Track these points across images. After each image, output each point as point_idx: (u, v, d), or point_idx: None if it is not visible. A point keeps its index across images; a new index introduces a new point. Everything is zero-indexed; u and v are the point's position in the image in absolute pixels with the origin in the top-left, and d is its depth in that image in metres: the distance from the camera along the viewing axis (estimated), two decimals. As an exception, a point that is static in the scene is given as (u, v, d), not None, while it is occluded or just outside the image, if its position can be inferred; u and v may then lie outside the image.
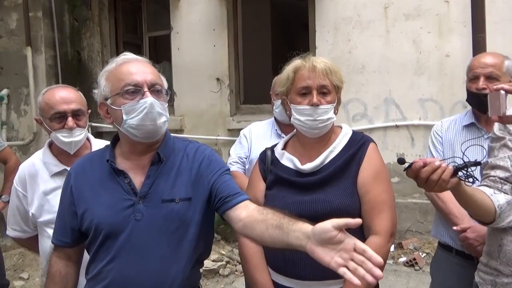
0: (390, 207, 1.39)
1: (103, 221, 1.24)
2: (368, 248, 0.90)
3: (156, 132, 1.25)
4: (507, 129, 1.29)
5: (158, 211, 1.24)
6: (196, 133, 4.92)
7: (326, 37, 4.43)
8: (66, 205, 1.33)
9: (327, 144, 1.47)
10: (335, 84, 1.43)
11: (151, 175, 1.27)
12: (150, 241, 1.23)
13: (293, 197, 1.41)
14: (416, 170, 1.08)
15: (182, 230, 1.26)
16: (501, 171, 1.25)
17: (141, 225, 1.23)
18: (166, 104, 1.28)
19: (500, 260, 1.24)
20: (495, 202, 1.19)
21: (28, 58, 5.07)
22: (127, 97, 1.22)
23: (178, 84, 5.07)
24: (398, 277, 3.60)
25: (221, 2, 4.81)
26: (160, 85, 1.27)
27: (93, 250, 1.29)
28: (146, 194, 1.25)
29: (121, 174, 1.28)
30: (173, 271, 1.24)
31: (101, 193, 1.27)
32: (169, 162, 1.30)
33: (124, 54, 1.31)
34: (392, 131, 4.27)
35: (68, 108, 1.64)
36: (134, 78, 1.22)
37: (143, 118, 1.21)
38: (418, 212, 4.09)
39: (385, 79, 4.25)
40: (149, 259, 1.23)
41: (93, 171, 1.32)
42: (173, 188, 1.27)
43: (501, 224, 1.21)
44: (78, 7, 5.52)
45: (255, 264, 1.45)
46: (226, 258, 4.00)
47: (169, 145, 1.34)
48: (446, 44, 4.03)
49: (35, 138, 5.18)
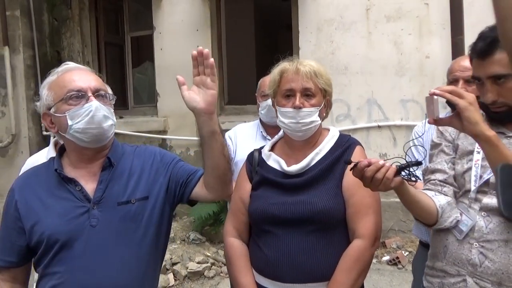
0: (375, 211, 1.38)
1: (56, 231, 1.21)
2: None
3: (103, 135, 1.24)
4: (443, 136, 1.35)
5: (114, 214, 1.24)
6: (180, 134, 4.88)
7: (309, 38, 4.46)
8: (11, 222, 1.27)
9: (313, 146, 1.47)
10: (320, 87, 1.43)
11: (104, 180, 1.27)
12: (108, 246, 1.22)
13: (277, 198, 1.41)
14: (361, 169, 1.11)
15: (140, 231, 1.26)
16: (439, 174, 1.31)
17: (97, 230, 1.22)
18: (112, 109, 1.28)
19: (446, 260, 1.27)
20: (436, 203, 1.24)
21: (6, 58, 4.94)
22: (71, 102, 1.22)
23: (161, 85, 5.02)
24: (381, 276, 3.64)
25: (204, 2, 4.78)
26: (105, 91, 1.28)
27: (43, 265, 1.24)
28: (100, 199, 1.25)
29: (71, 182, 1.26)
30: (134, 274, 1.24)
31: (51, 204, 1.24)
32: (120, 166, 1.31)
33: (66, 64, 1.31)
34: (374, 131, 4.33)
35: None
36: (77, 84, 1.23)
37: (89, 122, 1.21)
38: (400, 211, 4.15)
39: (368, 80, 4.30)
40: (109, 264, 1.21)
41: (40, 183, 1.29)
42: (127, 190, 1.28)
43: (443, 225, 1.25)
44: (58, 6, 5.40)
45: (240, 265, 1.44)
46: (211, 259, 3.98)
47: (118, 150, 1.35)
48: (426, 46, 4.10)
49: (14, 140, 5.05)
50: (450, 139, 1.33)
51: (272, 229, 1.39)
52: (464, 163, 1.26)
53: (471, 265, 1.20)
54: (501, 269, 1.15)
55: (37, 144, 5.12)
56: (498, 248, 1.16)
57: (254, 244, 1.46)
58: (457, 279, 1.23)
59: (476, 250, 1.19)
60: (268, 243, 1.40)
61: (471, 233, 1.20)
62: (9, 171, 4.93)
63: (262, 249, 1.41)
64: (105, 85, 1.32)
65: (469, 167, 1.24)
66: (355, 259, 1.33)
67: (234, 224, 1.51)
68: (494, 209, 1.17)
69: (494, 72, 1.14)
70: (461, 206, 1.27)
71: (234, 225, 1.51)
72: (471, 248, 1.20)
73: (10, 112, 4.98)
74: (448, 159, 1.31)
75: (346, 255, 1.34)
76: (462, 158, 1.28)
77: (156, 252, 1.32)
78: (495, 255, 1.16)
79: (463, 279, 1.21)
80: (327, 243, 1.36)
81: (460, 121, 1.09)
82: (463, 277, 1.21)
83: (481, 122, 1.06)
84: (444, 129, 1.36)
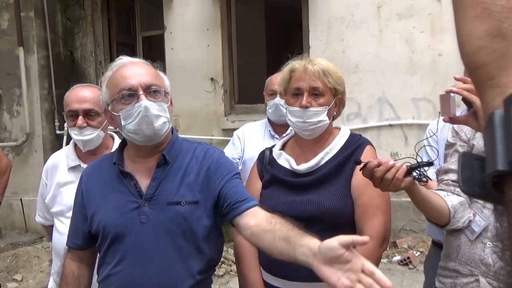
0: (384, 212, 1.36)
1: (109, 223, 1.25)
2: (377, 270, 0.86)
3: (155, 135, 1.23)
4: (458, 135, 1.33)
5: (163, 213, 1.23)
6: (190, 133, 4.90)
7: (319, 37, 4.44)
8: (78, 208, 1.35)
9: (323, 145, 1.47)
10: (330, 86, 1.41)
11: (157, 177, 1.26)
12: (155, 244, 1.22)
13: (285, 197, 1.41)
14: (371, 169, 1.10)
15: (188, 234, 1.24)
16: (453, 174, 1.29)
17: (146, 228, 1.22)
18: (167, 104, 1.26)
19: (459, 260, 1.25)
20: (448, 203, 1.22)
21: (20, 58, 5.03)
22: (123, 102, 1.21)
23: (172, 84, 4.95)
24: (392, 276, 3.62)
25: (214, 2, 4.80)
26: (158, 86, 1.24)
27: (101, 253, 1.29)
28: (151, 197, 1.24)
29: (127, 176, 1.27)
30: (179, 275, 1.23)
31: (109, 196, 1.28)
32: (176, 164, 1.28)
33: (120, 58, 1.30)
34: (385, 130, 4.29)
35: (80, 107, 1.68)
36: (128, 82, 1.21)
37: (139, 122, 1.20)
38: (412, 211, 4.11)
39: (379, 78, 4.26)
40: (155, 262, 1.22)
41: (103, 174, 1.33)
42: (179, 190, 1.25)
43: (456, 225, 1.23)
44: (71, 7, 5.48)
45: (248, 263, 1.46)
46: (221, 258, 3.99)
47: (176, 147, 1.31)
48: (438, 44, 4.05)
49: (28, 139, 5.14)
50: (465, 139, 1.31)
51: None
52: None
53: (484, 264, 1.19)
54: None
55: (50, 143, 5.21)
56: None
57: (263, 242, 1.47)
58: (469, 279, 1.22)
59: (490, 249, 1.18)
60: None
61: (485, 233, 1.19)
62: (24, 169, 5.02)
63: None
64: (160, 76, 1.30)
65: None
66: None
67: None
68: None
69: None
70: (475, 206, 1.25)
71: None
72: (484, 248, 1.19)
73: (25, 112, 5.06)
74: None
75: None
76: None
77: (203, 257, 1.27)
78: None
79: (476, 279, 1.20)
80: None
81: (476, 120, 1.07)
82: (476, 277, 1.20)
83: None
84: (459, 128, 1.33)
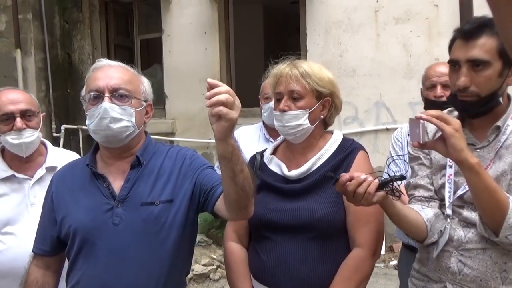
0: (376, 219, 1.33)
1: (80, 226, 1.23)
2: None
3: (115, 137, 1.23)
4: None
5: (137, 214, 1.23)
6: (188, 136, 4.90)
7: (317, 41, 4.44)
8: (47, 212, 1.33)
9: (314, 149, 1.43)
10: (310, 88, 1.36)
11: (131, 178, 1.26)
12: (129, 246, 1.21)
13: (276, 204, 1.38)
14: (343, 183, 1.10)
15: (163, 234, 1.24)
16: (423, 190, 1.29)
17: (119, 230, 1.22)
18: (136, 109, 1.24)
19: (429, 267, 1.27)
20: (424, 217, 1.22)
21: (18, 61, 5.03)
22: (91, 102, 1.23)
23: (170, 87, 5.05)
24: (388, 281, 3.60)
25: (212, 5, 4.80)
26: (127, 90, 1.24)
27: (71, 257, 1.27)
28: (125, 198, 1.24)
29: (100, 178, 1.27)
30: (154, 276, 1.23)
31: (81, 198, 1.26)
32: (149, 165, 1.29)
33: (99, 61, 1.30)
34: (383, 134, 4.28)
35: (16, 108, 1.56)
36: (96, 83, 1.23)
37: (98, 123, 1.21)
38: (408, 215, 4.10)
39: (376, 82, 4.26)
40: (129, 264, 1.21)
41: (74, 177, 1.32)
42: (153, 191, 1.26)
43: (432, 238, 1.23)
44: (69, 9, 5.48)
45: (238, 271, 1.43)
46: (217, 262, 3.98)
47: (149, 149, 1.33)
48: (435, 48, 4.05)
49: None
50: (426, 151, 1.31)
51: (270, 235, 1.37)
52: (438, 178, 1.26)
53: (450, 273, 1.20)
54: (479, 276, 1.16)
55: (47, 145, 5.19)
56: (476, 256, 1.17)
57: (253, 249, 1.45)
58: (439, 285, 1.24)
59: (455, 258, 1.20)
60: (266, 249, 1.38)
61: (450, 242, 1.21)
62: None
63: (260, 255, 1.39)
64: (137, 82, 1.28)
65: (443, 182, 1.24)
66: (354, 269, 1.30)
67: (235, 228, 1.50)
68: (473, 223, 1.17)
69: (474, 56, 1.14)
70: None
71: (235, 229, 1.50)
72: (450, 257, 1.21)
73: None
74: (429, 172, 1.29)
75: (344, 264, 1.31)
76: (436, 173, 1.28)
77: (178, 257, 1.28)
78: (474, 262, 1.17)
79: (444, 286, 1.22)
80: (325, 251, 1.32)
81: (445, 146, 1.09)
82: (444, 284, 1.22)
83: (466, 149, 1.06)
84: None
